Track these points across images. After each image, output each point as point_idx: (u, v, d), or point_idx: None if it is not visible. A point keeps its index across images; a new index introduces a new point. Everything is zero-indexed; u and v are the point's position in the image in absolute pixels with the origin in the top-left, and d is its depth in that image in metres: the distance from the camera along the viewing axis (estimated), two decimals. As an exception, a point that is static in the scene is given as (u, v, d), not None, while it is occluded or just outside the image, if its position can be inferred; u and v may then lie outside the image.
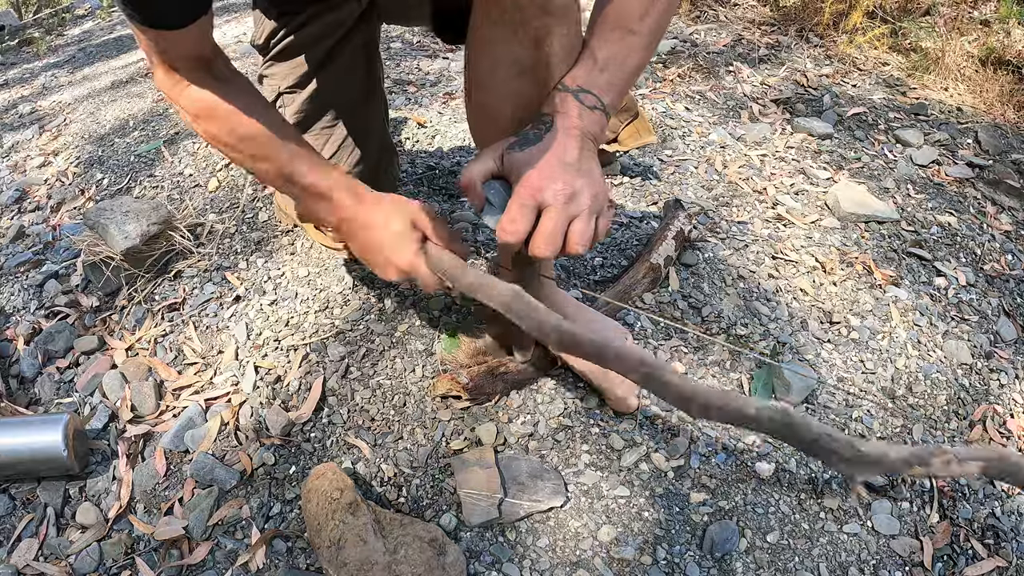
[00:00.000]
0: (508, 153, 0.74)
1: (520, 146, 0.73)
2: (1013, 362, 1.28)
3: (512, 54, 0.75)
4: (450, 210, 1.46)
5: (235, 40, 2.59)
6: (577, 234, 0.71)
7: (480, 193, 0.76)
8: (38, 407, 1.18)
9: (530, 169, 0.71)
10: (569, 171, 0.71)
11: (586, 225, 0.72)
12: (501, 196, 0.76)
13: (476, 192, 0.75)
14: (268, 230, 1.41)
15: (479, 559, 0.90)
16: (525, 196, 0.71)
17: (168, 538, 0.96)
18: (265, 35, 1.08)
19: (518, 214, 0.71)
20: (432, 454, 1.01)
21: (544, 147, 0.72)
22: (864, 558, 0.95)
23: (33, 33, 3.40)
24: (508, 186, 0.75)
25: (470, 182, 0.75)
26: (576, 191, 0.71)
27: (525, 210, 0.71)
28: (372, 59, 1.15)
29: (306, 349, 1.15)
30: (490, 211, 0.76)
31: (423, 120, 1.79)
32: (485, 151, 0.76)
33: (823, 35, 2.44)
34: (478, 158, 0.76)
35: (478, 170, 0.75)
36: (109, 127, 1.95)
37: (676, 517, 0.95)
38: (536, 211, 0.71)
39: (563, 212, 0.70)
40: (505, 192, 0.76)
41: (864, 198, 1.55)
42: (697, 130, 1.81)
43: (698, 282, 1.28)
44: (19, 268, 1.43)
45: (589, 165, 0.73)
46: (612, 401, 1.04)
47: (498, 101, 0.80)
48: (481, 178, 0.75)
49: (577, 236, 0.71)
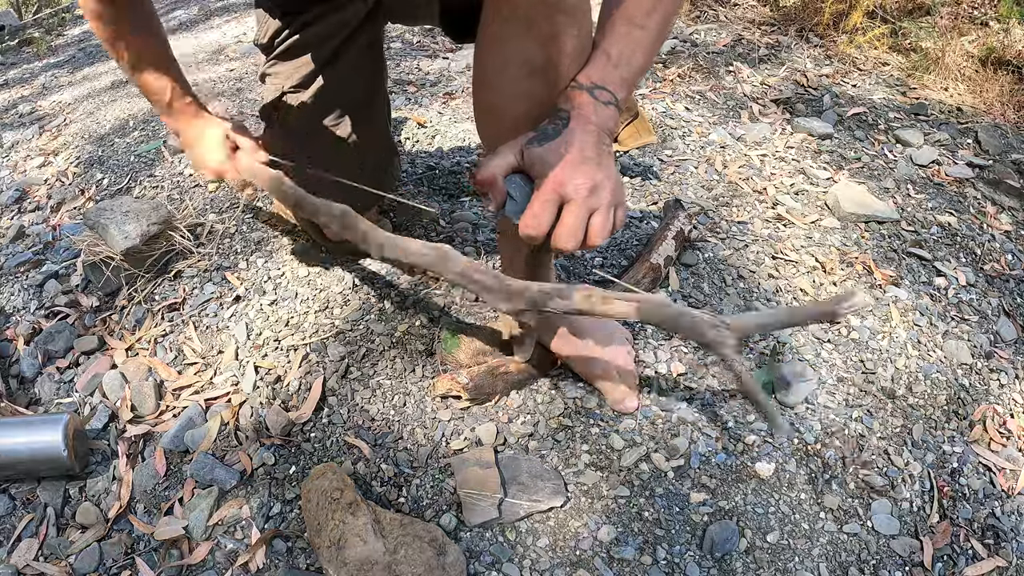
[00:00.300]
0: (528, 148, 0.74)
1: (539, 141, 0.73)
2: (1013, 362, 1.28)
3: (524, 53, 0.75)
4: (450, 210, 1.46)
5: (235, 40, 2.59)
6: (598, 227, 0.73)
7: (502, 188, 0.75)
8: (38, 407, 1.18)
9: (551, 164, 0.72)
10: (589, 165, 0.72)
11: (606, 218, 0.73)
12: (522, 190, 0.76)
13: (498, 187, 0.75)
14: (268, 230, 1.41)
15: (479, 559, 0.90)
16: (548, 191, 0.72)
17: (168, 538, 0.96)
18: (269, 34, 1.08)
19: (541, 208, 0.72)
20: (432, 454, 1.01)
21: (564, 142, 0.72)
22: (864, 558, 0.95)
23: (33, 33, 3.41)
24: (528, 180, 0.76)
25: (492, 177, 0.75)
26: (597, 185, 0.72)
27: (548, 204, 0.72)
28: (377, 59, 1.15)
29: (306, 349, 1.15)
30: (512, 205, 0.76)
31: (423, 120, 1.79)
32: (504, 147, 0.76)
33: (823, 35, 2.44)
34: (497, 153, 0.76)
35: (499, 165, 0.75)
36: (109, 127, 1.95)
37: (676, 517, 0.95)
38: (558, 205, 0.72)
39: (585, 206, 0.71)
40: (525, 186, 0.76)
41: (864, 198, 1.55)
42: (697, 130, 1.81)
43: (698, 282, 1.28)
44: (19, 268, 1.43)
45: (607, 160, 0.74)
46: (612, 401, 1.05)
47: (507, 100, 0.80)
48: (502, 173, 0.75)
49: (598, 229, 0.73)
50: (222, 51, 2.48)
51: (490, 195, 0.76)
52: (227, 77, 2.19)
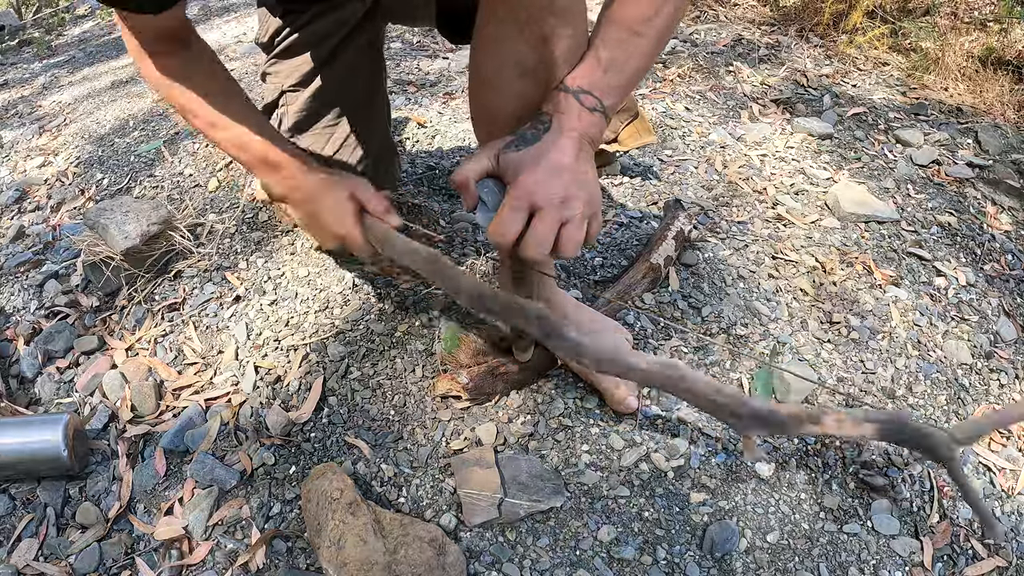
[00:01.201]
0: (504, 153, 0.74)
1: (516, 145, 0.73)
2: (1013, 362, 1.28)
3: (517, 54, 0.75)
4: (450, 210, 1.46)
5: (235, 40, 2.59)
6: (568, 238, 0.71)
7: (474, 192, 0.75)
8: (38, 407, 1.18)
9: (525, 170, 0.71)
10: (564, 174, 0.71)
11: (578, 229, 0.72)
12: (495, 195, 0.75)
13: (470, 191, 0.75)
14: (268, 230, 1.41)
15: (479, 559, 0.90)
16: (517, 198, 0.71)
17: (168, 538, 0.96)
18: (270, 33, 1.08)
19: (509, 215, 0.71)
20: (432, 454, 1.01)
21: (541, 148, 0.72)
22: (864, 558, 0.95)
23: (33, 33, 3.41)
24: (502, 185, 0.75)
25: (464, 180, 0.75)
26: (570, 195, 0.71)
27: (517, 212, 0.71)
28: (376, 59, 1.15)
29: (306, 349, 1.15)
30: (483, 210, 0.76)
31: (423, 120, 1.79)
32: (480, 150, 0.76)
33: (823, 35, 2.44)
34: (473, 157, 0.76)
35: (472, 169, 0.75)
36: (109, 127, 1.95)
37: (676, 517, 0.95)
38: (528, 212, 0.71)
39: (555, 215, 0.70)
40: (499, 191, 0.75)
41: (864, 198, 1.55)
42: (697, 130, 1.81)
43: (698, 282, 1.28)
44: (19, 268, 1.43)
45: (584, 167, 0.73)
46: (612, 401, 1.04)
47: (502, 100, 0.80)
48: (475, 177, 0.75)
49: (568, 239, 0.71)
50: (222, 51, 2.48)
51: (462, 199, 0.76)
52: (227, 77, 2.18)
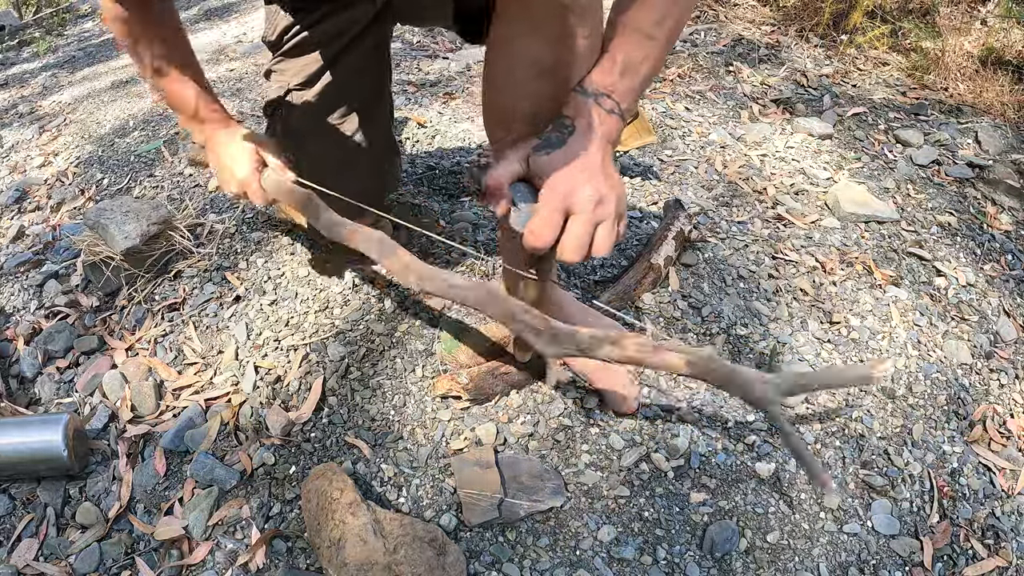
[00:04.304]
0: (534, 156, 0.74)
1: (544, 149, 0.73)
2: (1013, 362, 1.28)
3: (532, 53, 0.74)
4: (450, 210, 1.46)
5: (235, 40, 2.59)
6: (603, 239, 0.72)
7: (508, 196, 0.75)
8: (38, 407, 1.18)
9: (557, 174, 0.72)
10: (596, 177, 0.71)
11: (611, 230, 0.73)
12: (527, 198, 0.75)
13: (504, 195, 0.75)
14: (268, 230, 1.41)
15: (479, 559, 0.90)
16: (555, 202, 0.71)
17: (168, 538, 0.96)
18: (278, 30, 1.08)
19: (548, 219, 0.71)
20: (432, 454, 1.01)
21: (569, 152, 0.72)
22: (864, 558, 0.95)
23: (33, 33, 3.41)
24: (532, 188, 0.75)
25: (499, 185, 0.75)
26: (603, 197, 0.71)
27: (555, 215, 0.71)
28: (382, 61, 1.15)
29: (306, 349, 1.15)
30: (516, 214, 0.76)
31: (423, 120, 1.79)
32: (509, 153, 0.76)
33: (823, 35, 2.44)
34: (502, 161, 0.75)
35: (504, 172, 0.75)
36: (109, 127, 1.95)
37: (676, 517, 0.95)
38: (564, 216, 0.72)
39: (591, 218, 0.71)
40: (531, 195, 0.75)
41: (864, 198, 1.55)
42: (697, 130, 1.81)
43: (698, 282, 1.28)
44: (19, 268, 1.43)
45: (611, 169, 0.74)
46: (612, 401, 1.04)
47: (516, 100, 0.80)
48: (508, 181, 0.75)
49: (603, 241, 0.72)
50: (222, 51, 2.48)
51: (494, 203, 0.76)
52: (227, 77, 2.19)
